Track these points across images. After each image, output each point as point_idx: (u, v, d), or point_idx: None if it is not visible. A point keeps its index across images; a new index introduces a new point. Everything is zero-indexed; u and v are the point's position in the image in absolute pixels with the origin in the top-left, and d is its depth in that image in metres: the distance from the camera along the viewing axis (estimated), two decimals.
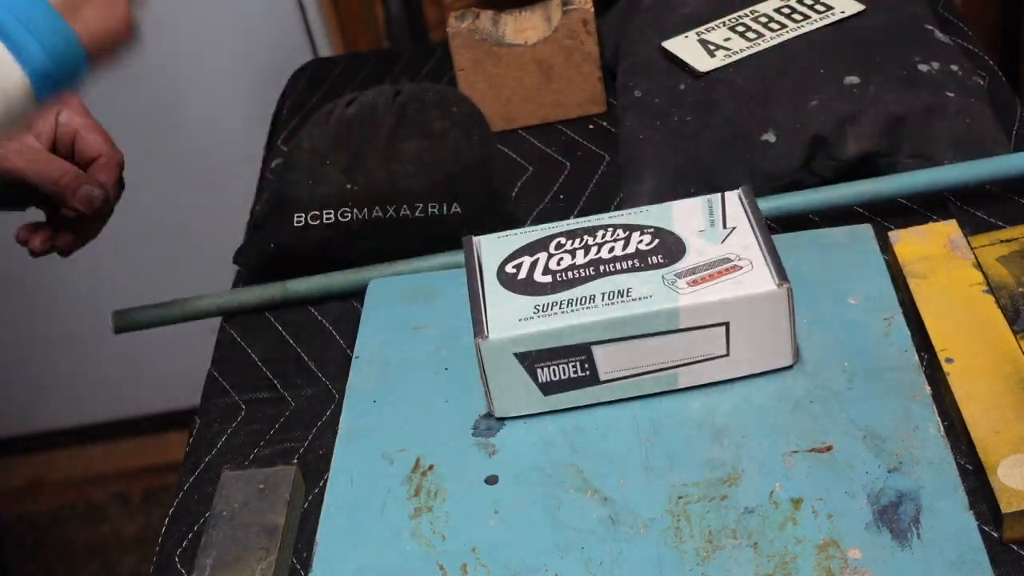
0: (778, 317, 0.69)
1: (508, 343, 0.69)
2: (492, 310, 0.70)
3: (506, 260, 0.74)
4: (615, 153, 0.99)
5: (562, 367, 0.70)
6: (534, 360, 0.70)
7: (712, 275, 0.70)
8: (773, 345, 0.71)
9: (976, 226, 0.83)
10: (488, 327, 0.69)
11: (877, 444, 0.67)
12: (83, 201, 0.82)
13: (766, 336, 0.70)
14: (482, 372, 0.71)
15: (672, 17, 1.02)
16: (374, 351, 0.80)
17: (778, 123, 0.88)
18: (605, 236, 0.74)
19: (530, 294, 0.71)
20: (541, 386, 0.71)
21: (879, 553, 0.61)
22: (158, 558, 0.72)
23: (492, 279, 0.73)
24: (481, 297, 0.71)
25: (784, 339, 0.70)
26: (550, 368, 0.70)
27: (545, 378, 0.71)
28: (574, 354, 0.70)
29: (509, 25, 1.03)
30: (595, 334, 0.69)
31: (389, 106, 0.93)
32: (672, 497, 0.66)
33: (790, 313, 0.69)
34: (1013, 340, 0.70)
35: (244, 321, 0.90)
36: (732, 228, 0.73)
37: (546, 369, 0.70)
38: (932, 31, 0.94)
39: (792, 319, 0.70)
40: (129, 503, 1.99)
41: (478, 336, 0.69)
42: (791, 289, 0.69)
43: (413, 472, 0.71)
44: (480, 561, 0.65)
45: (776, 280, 0.69)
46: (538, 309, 0.70)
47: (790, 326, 0.70)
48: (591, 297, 0.70)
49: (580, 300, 0.70)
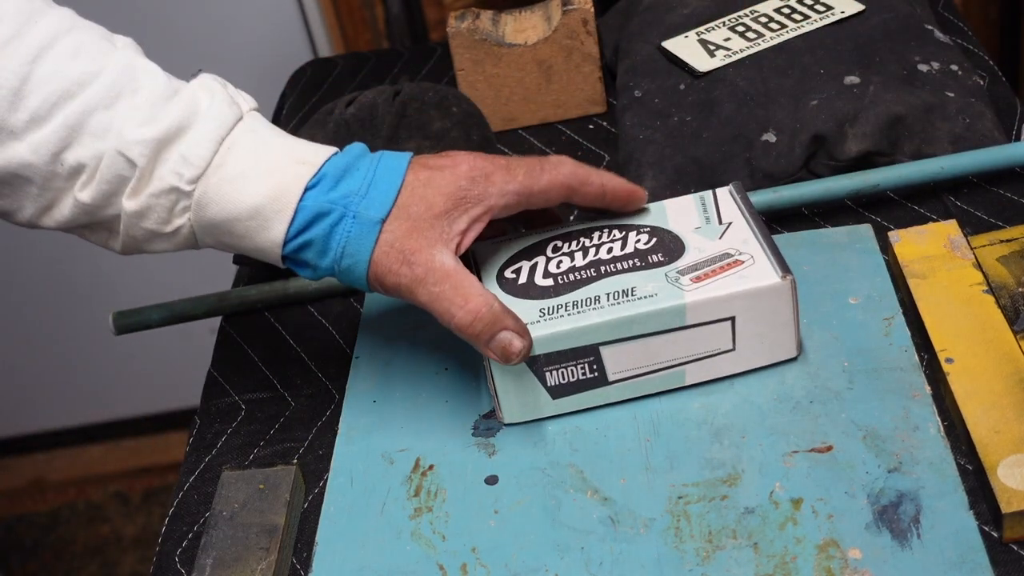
0: (783, 309, 0.70)
1: None
2: None
3: (504, 265, 0.73)
4: (615, 153, 0.99)
5: (571, 369, 0.70)
6: (543, 364, 0.70)
7: (715, 271, 0.70)
8: (778, 338, 0.71)
9: (976, 226, 0.83)
10: None
11: (877, 444, 0.67)
12: (498, 352, 0.67)
13: (771, 329, 0.70)
14: (490, 379, 0.70)
15: (672, 17, 1.02)
16: (374, 351, 0.80)
17: (778, 123, 0.88)
18: (602, 237, 0.74)
19: (533, 298, 0.71)
20: (550, 389, 0.71)
21: (879, 553, 0.61)
22: (158, 558, 0.72)
23: (493, 285, 0.72)
24: None
25: (788, 331, 0.71)
26: (559, 371, 0.70)
27: (554, 381, 0.70)
28: (583, 356, 0.69)
29: (509, 25, 1.03)
30: (603, 334, 0.69)
31: (389, 106, 0.93)
32: (672, 497, 0.66)
33: (794, 305, 0.70)
34: (1013, 340, 0.70)
35: (244, 321, 0.90)
36: (728, 224, 0.73)
37: (555, 372, 0.70)
38: (932, 31, 0.94)
39: (796, 311, 0.70)
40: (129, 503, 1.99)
41: None
42: (794, 281, 0.69)
43: (413, 472, 0.71)
44: (480, 561, 0.65)
45: (779, 273, 0.69)
46: (543, 312, 0.70)
47: (794, 318, 0.71)
48: (596, 298, 0.70)
49: (585, 301, 0.70)
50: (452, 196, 0.68)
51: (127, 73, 0.68)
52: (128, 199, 0.68)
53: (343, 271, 0.68)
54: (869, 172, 0.84)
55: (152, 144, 0.66)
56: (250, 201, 0.67)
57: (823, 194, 0.84)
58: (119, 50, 0.69)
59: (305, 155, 0.69)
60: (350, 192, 0.68)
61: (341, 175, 0.68)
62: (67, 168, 0.67)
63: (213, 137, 0.67)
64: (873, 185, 0.84)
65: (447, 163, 0.69)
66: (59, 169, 0.67)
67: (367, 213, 0.67)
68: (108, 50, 0.68)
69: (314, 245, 0.68)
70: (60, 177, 0.67)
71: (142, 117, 0.67)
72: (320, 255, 0.68)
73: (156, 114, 0.67)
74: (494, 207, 0.69)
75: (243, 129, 0.69)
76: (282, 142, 0.70)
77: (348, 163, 0.69)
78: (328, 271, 0.69)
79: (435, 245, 0.67)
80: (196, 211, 0.68)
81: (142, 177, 0.67)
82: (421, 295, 0.67)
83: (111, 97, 0.67)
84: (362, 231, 0.67)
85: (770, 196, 0.85)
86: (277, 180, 0.68)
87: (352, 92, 1.04)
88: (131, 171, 0.67)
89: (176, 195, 0.68)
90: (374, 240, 0.67)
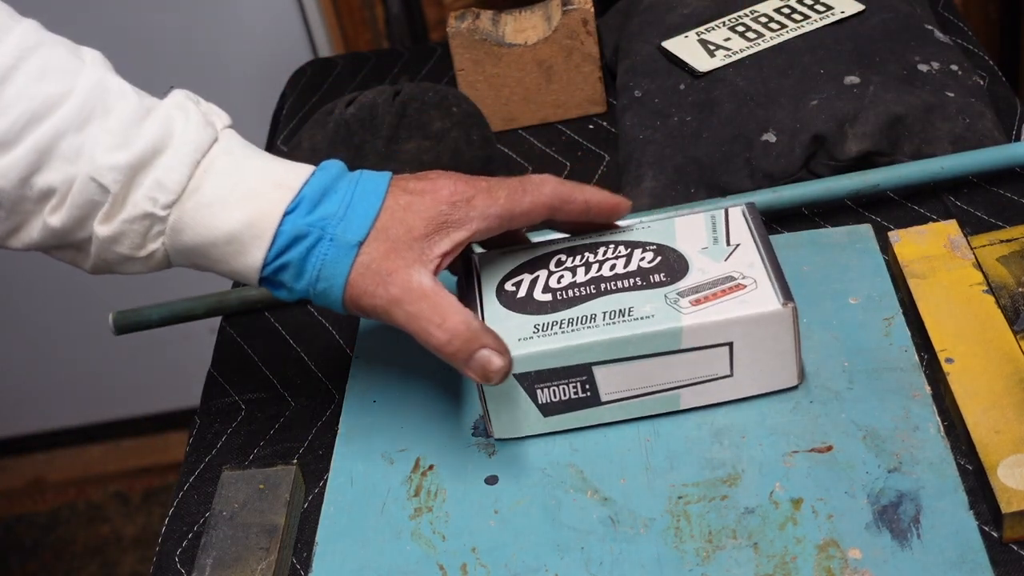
0: (783, 337, 0.68)
1: None
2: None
3: (505, 278, 0.73)
4: (615, 153, 0.99)
5: (562, 388, 0.69)
6: (534, 381, 0.69)
7: (716, 294, 0.68)
8: (778, 365, 0.69)
9: (976, 226, 0.83)
10: None
11: (877, 444, 0.67)
12: (477, 371, 0.66)
13: (771, 356, 0.69)
14: (481, 393, 0.70)
15: (672, 17, 1.02)
16: (374, 351, 0.80)
17: (778, 123, 0.88)
18: (607, 253, 0.73)
19: (530, 313, 0.70)
20: (541, 407, 0.70)
21: (879, 553, 0.61)
22: (158, 558, 0.72)
23: (491, 297, 0.71)
24: (480, 316, 0.70)
25: (789, 359, 0.69)
26: (550, 389, 0.69)
27: (545, 399, 0.70)
28: (575, 375, 0.69)
29: (509, 25, 1.03)
30: (596, 354, 0.68)
31: (389, 106, 0.93)
32: (672, 497, 0.66)
33: (795, 333, 0.68)
34: (1013, 340, 0.70)
35: (244, 321, 0.90)
36: (736, 245, 0.72)
37: (546, 390, 0.69)
38: (932, 31, 0.94)
39: (797, 339, 0.69)
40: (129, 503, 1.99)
41: None
42: (796, 309, 0.67)
43: (413, 472, 0.71)
44: (480, 561, 0.65)
45: (781, 299, 0.67)
46: (538, 328, 0.69)
47: (795, 346, 0.69)
48: (592, 316, 0.69)
49: (581, 319, 0.69)
50: (433, 220, 0.67)
51: (97, 93, 0.66)
52: (100, 224, 0.66)
53: (318, 294, 0.68)
54: (869, 172, 0.84)
55: (125, 170, 0.65)
56: (227, 227, 0.66)
57: (823, 194, 0.84)
58: (88, 66, 0.67)
59: (283, 178, 0.68)
60: (328, 215, 0.67)
61: (319, 198, 0.67)
62: (36, 192, 0.66)
63: (188, 161, 0.66)
64: (873, 185, 0.84)
65: (428, 187, 0.68)
66: (28, 193, 0.65)
67: (344, 236, 0.67)
68: (77, 68, 0.67)
69: (290, 267, 0.67)
70: (29, 201, 0.66)
71: (114, 141, 0.65)
72: (296, 278, 0.68)
73: (129, 137, 0.65)
74: (476, 231, 0.68)
75: (218, 151, 0.67)
76: (259, 163, 0.68)
77: (326, 185, 0.68)
78: (303, 293, 0.68)
79: (413, 266, 0.67)
80: (171, 236, 0.67)
81: (115, 203, 0.66)
82: (398, 316, 0.67)
83: (82, 119, 0.65)
84: (339, 254, 0.67)
85: (770, 196, 0.85)
86: (255, 205, 0.66)
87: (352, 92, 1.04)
88: (104, 197, 0.65)
89: (150, 220, 0.66)
90: (350, 263, 0.66)
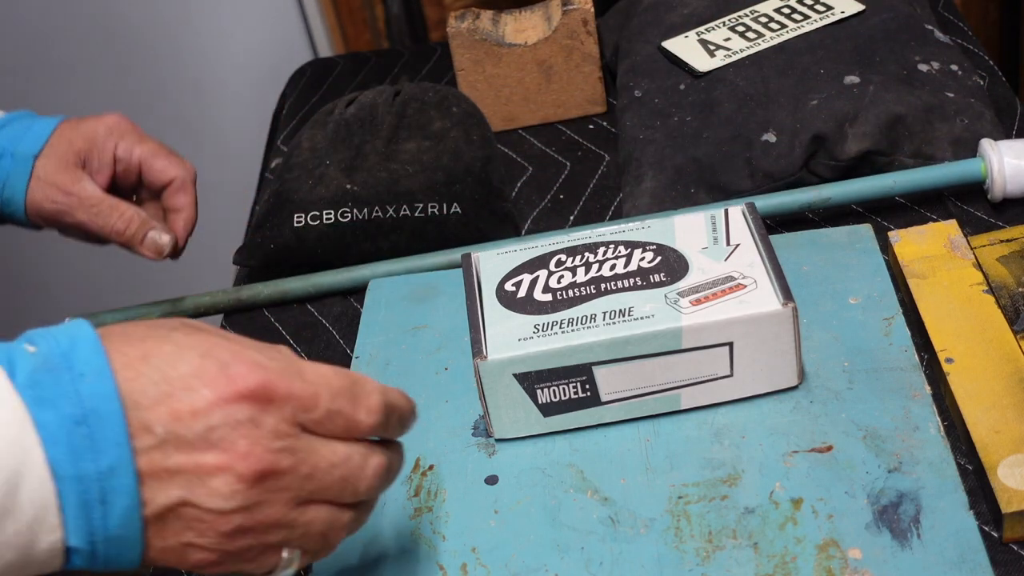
0: (783, 336, 0.68)
1: (507, 364, 0.68)
2: (491, 330, 0.69)
3: (505, 278, 0.73)
4: (615, 153, 0.99)
5: (563, 388, 0.69)
6: (534, 381, 0.69)
7: (716, 294, 0.68)
8: (778, 365, 0.69)
9: (976, 226, 0.83)
10: (487, 347, 0.68)
11: (877, 444, 0.67)
12: (150, 249, 0.82)
13: (771, 356, 0.69)
14: (481, 393, 0.70)
15: (672, 17, 1.02)
16: (374, 351, 0.80)
17: (778, 123, 0.88)
18: (607, 253, 0.73)
19: (530, 313, 0.70)
20: (541, 407, 0.70)
21: (879, 553, 0.61)
22: None
23: (491, 297, 0.71)
24: (480, 316, 0.70)
25: (789, 359, 0.69)
26: (550, 389, 0.69)
27: (545, 399, 0.70)
28: (575, 375, 0.69)
29: (509, 25, 1.03)
30: (596, 354, 0.68)
31: (389, 106, 0.93)
32: (672, 497, 0.66)
33: (795, 333, 0.68)
34: (1013, 340, 0.70)
35: (244, 320, 0.90)
36: (736, 245, 0.72)
37: (546, 390, 0.69)
38: (932, 31, 0.94)
39: (797, 339, 0.69)
40: None
41: (477, 357, 0.68)
42: (796, 309, 0.67)
43: (413, 472, 0.71)
44: (480, 561, 0.65)
45: (781, 299, 0.67)
46: (538, 328, 0.69)
47: (795, 346, 0.69)
48: (592, 316, 0.69)
49: (581, 319, 0.69)
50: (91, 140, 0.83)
51: None
52: None
53: (3, 202, 0.81)
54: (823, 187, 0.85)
55: None
56: None
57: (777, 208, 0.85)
58: None
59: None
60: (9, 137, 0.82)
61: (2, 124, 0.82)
62: None
63: None
64: (825, 199, 0.85)
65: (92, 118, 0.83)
66: None
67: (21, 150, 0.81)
68: None
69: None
70: None
71: None
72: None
73: None
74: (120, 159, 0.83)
75: None
76: None
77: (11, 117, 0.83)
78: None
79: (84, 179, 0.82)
80: None
81: None
82: (81, 215, 0.81)
83: None
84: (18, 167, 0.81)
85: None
86: None
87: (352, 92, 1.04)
88: None
89: None
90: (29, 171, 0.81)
